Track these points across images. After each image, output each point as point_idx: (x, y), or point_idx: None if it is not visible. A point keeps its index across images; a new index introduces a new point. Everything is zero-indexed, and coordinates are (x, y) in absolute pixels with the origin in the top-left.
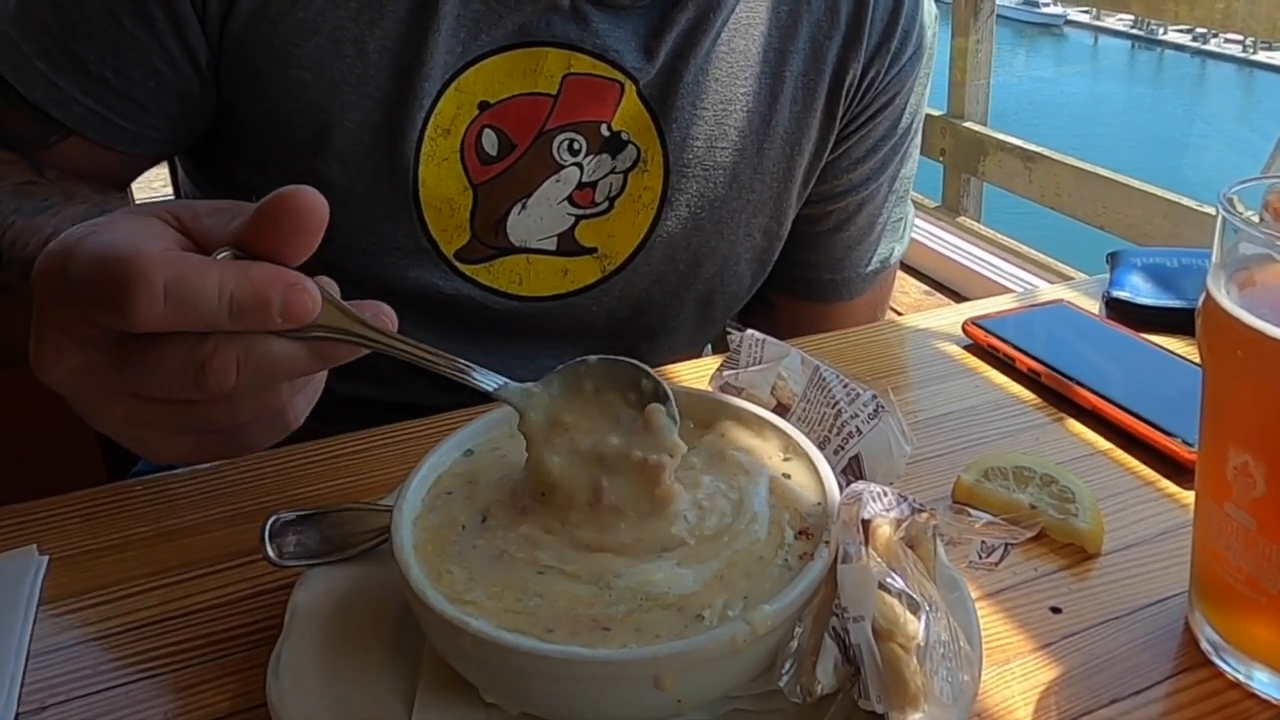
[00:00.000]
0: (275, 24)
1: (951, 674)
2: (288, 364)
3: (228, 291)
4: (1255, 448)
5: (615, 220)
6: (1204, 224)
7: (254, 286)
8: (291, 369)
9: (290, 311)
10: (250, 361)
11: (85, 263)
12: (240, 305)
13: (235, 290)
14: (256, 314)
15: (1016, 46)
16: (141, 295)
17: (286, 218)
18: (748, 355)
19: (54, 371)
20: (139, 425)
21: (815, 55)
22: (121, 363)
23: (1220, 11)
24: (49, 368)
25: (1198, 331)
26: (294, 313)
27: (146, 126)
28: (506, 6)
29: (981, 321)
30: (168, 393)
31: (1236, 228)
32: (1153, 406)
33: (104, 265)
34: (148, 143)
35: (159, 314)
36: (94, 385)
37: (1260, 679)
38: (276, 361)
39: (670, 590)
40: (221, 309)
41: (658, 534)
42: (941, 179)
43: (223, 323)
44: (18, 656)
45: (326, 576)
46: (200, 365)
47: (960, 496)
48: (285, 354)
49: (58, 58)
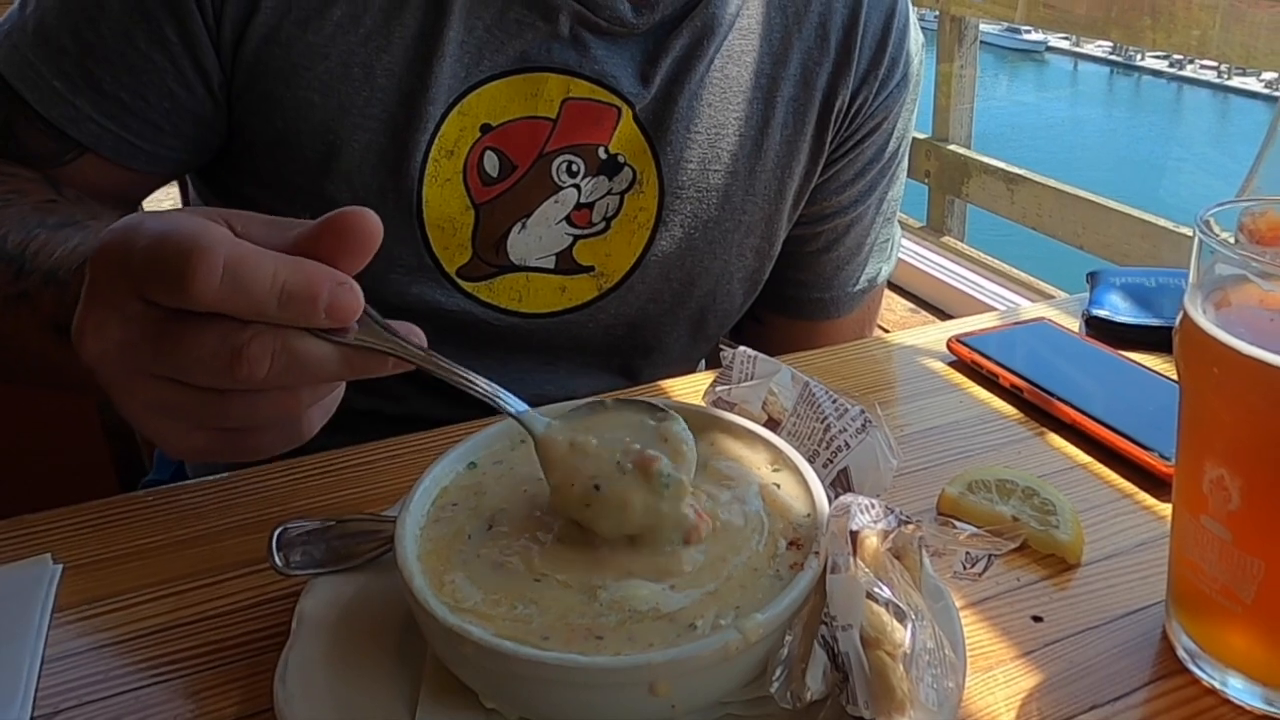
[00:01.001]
0: (286, 48)
1: (937, 681)
2: (317, 365)
3: (281, 279)
4: (1231, 462)
5: (612, 240)
6: (1180, 244)
7: (306, 277)
8: (321, 371)
9: (335, 308)
10: (283, 356)
11: (150, 238)
12: (290, 294)
13: (288, 279)
14: (304, 305)
15: (999, 72)
16: (202, 269)
17: (348, 234)
18: (740, 371)
19: (93, 344)
20: (161, 411)
21: (806, 81)
22: (160, 339)
23: (1195, 39)
24: (89, 341)
25: (1175, 349)
26: (338, 310)
27: (161, 146)
28: (508, 33)
29: (965, 339)
30: (198, 377)
31: (1213, 249)
32: (1131, 422)
33: (169, 240)
34: (161, 161)
35: (214, 290)
36: (128, 362)
37: (1235, 685)
38: (308, 360)
39: (659, 606)
40: (272, 295)
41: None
42: (926, 200)
43: (271, 310)
44: (33, 662)
45: (332, 585)
46: (236, 351)
47: (945, 509)
48: (317, 354)
49: (75, 78)
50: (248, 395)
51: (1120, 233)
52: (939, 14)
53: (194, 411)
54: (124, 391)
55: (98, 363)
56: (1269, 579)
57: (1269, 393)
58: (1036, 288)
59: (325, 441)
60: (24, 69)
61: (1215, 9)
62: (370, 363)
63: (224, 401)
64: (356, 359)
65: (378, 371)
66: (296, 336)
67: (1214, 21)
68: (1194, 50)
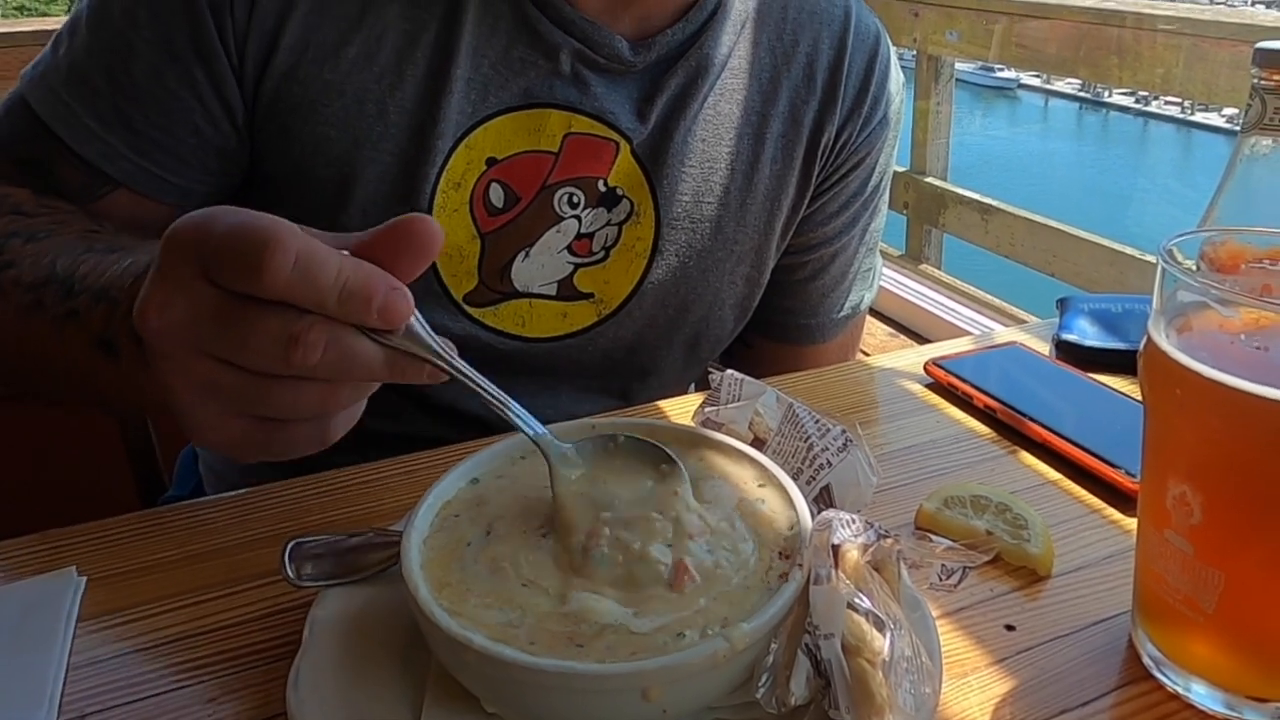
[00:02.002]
0: (305, 85)
1: (914, 687)
2: (363, 362)
3: (344, 275)
4: (1193, 479)
5: (610, 268)
6: (1146, 272)
7: (365, 277)
8: (365, 368)
9: (387, 309)
10: (334, 348)
11: (228, 225)
12: (350, 291)
13: (350, 276)
14: (360, 303)
15: (974, 108)
16: (277, 256)
17: (411, 238)
18: (728, 393)
19: (155, 320)
20: (206, 392)
21: (794, 119)
22: (223, 319)
23: (1160, 76)
24: (152, 317)
25: (1140, 372)
26: (390, 311)
27: (188, 179)
28: (512, 71)
29: (942, 362)
30: (252, 359)
31: (1175, 277)
32: (1099, 440)
33: (247, 228)
34: (189, 194)
35: (284, 278)
36: (187, 339)
37: (1198, 691)
38: (355, 356)
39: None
40: (334, 290)
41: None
42: (905, 230)
43: (331, 304)
44: (58, 670)
45: (341, 596)
46: (294, 336)
47: (922, 523)
48: (365, 352)
49: (108, 118)
50: (293, 384)
51: (1089, 261)
52: (917, 53)
53: (239, 395)
54: (176, 369)
55: (157, 338)
56: (1229, 590)
57: (1229, 414)
58: (1009, 313)
59: (333, 460)
60: (59, 109)
61: (1179, 48)
62: (409, 368)
63: (270, 388)
64: (398, 362)
65: (415, 378)
66: (348, 332)
67: (1178, 60)
68: (1159, 87)
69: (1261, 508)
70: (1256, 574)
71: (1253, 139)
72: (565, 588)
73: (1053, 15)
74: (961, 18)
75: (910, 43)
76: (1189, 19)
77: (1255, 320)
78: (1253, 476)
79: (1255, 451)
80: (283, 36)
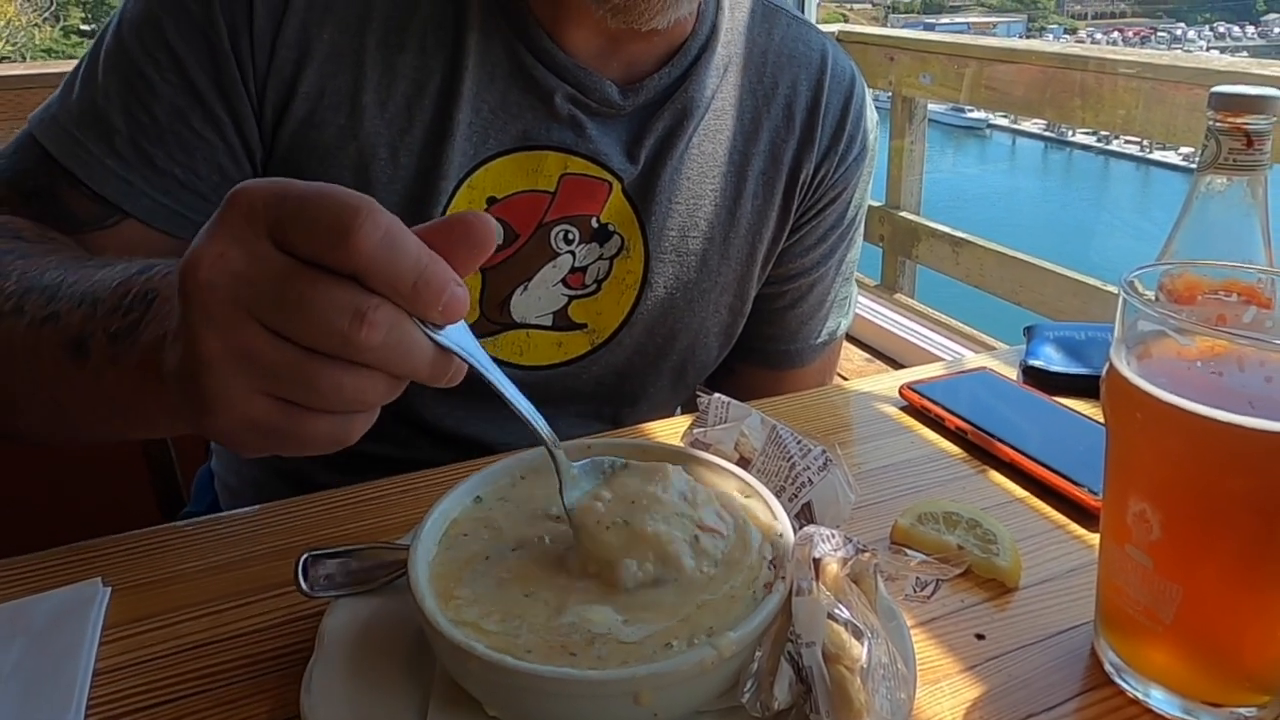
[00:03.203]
0: (320, 130)
1: (890, 692)
2: (417, 355)
3: (424, 261)
4: (1152, 497)
5: (603, 300)
6: (1108, 301)
7: (440, 269)
8: (417, 362)
9: (451, 305)
10: (393, 334)
11: (311, 189)
12: (424, 279)
13: (428, 264)
14: (432, 293)
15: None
16: (370, 222)
17: (470, 232)
18: (714, 415)
19: (206, 272)
20: (241, 361)
21: (774, 157)
22: (287, 283)
23: (1121, 117)
24: (203, 268)
25: (1102, 396)
26: (453, 307)
27: (204, 215)
28: (511, 115)
29: (915, 386)
30: (310, 330)
31: (1136, 307)
32: (1063, 460)
33: (336, 193)
34: None
35: (374, 246)
36: (238, 298)
37: (1156, 696)
38: (411, 347)
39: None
40: (413, 273)
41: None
42: (881, 261)
43: (404, 288)
44: (84, 676)
45: (351, 606)
46: (362, 313)
47: (897, 538)
48: (419, 345)
49: (128, 156)
50: (341, 367)
51: (1054, 291)
52: (893, 95)
53: (278, 370)
54: (214, 331)
55: (201, 291)
56: (1186, 602)
57: (1186, 436)
58: (979, 340)
59: (341, 482)
60: (75, 149)
61: (1138, 91)
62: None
63: (318, 367)
64: (439, 363)
65: (450, 381)
66: (407, 320)
67: (1137, 102)
68: (1119, 127)
69: (1217, 525)
70: (1212, 587)
71: (1208, 177)
72: (563, 600)
73: (1020, 60)
74: (934, 62)
75: (886, 85)
76: (1148, 64)
77: (1211, 348)
78: (1209, 495)
79: (1211, 471)
80: (300, 84)
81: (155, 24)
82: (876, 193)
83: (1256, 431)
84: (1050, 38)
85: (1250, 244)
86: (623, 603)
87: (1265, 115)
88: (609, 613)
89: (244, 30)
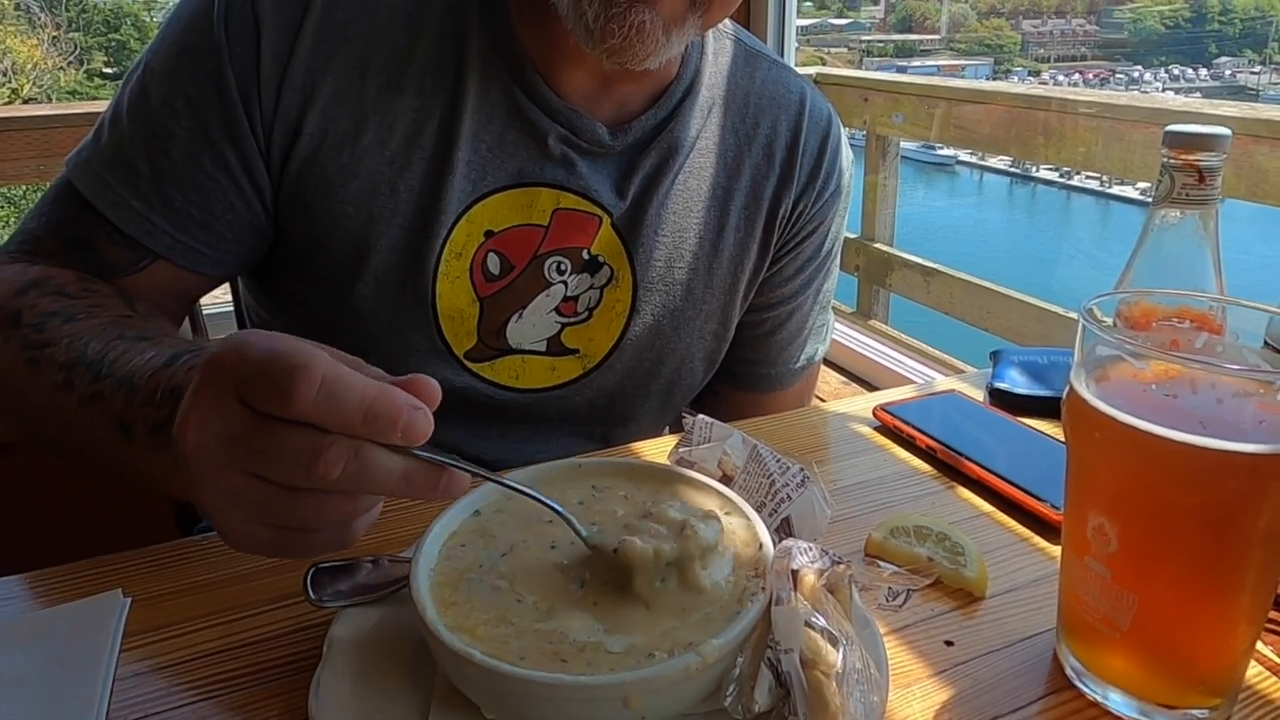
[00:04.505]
0: (325, 167)
1: (864, 696)
2: (383, 475)
3: (369, 399)
4: (1110, 512)
5: (594, 327)
6: (1069, 327)
7: (390, 401)
8: (384, 481)
9: (410, 428)
10: (355, 463)
11: (261, 350)
12: (375, 414)
13: (375, 400)
14: (385, 424)
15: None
16: (304, 381)
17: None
18: (699, 435)
19: (192, 435)
20: (236, 502)
21: (755, 192)
22: (254, 435)
23: (1082, 154)
24: (190, 431)
25: (1063, 416)
26: (412, 431)
27: (223, 252)
28: (507, 153)
29: (888, 407)
30: (278, 472)
31: (1095, 334)
32: (1027, 477)
33: (278, 353)
34: (223, 265)
35: (310, 401)
36: (221, 453)
37: (1114, 699)
38: (375, 469)
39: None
40: (359, 412)
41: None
42: (856, 289)
43: (354, 425)
44: (105, 682)
45: (357, 615)
46: (317, 452)
47: (871, 551)
48: (385, 465)
49: (150, 197)
50: (316, 496)
51: (1018, 317)
52: (867, 133)
53: (265, 505)
54: (209, 479)
55: (195, 451)
56: (1142, 610)
57: (1142, 455)
58: (948, 364)
59: None
60: (105, 191)
61: (1098, 130)
62: (424, 483)
63: (295, 499)
64: (414, 476)
65: (428, 494)
66: (369, 447)
67: (1097, 140)
68: (1080, 164)
69: (1170, 538)
70: (1166, 596)
71: (1163, 211)
72: (551, 605)
73: (986, 100)
74: (906, 102)
75: (861, 124)
76: (1107, 104)
77: (1165, 371)
78: (1163, 510)
79: (1165, 488)
80: (305, 125)
81: (172, 74)
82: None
83: (1208, 450)
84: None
85: (1202, 274)
86: (600, 612)
87: (1216, 153)
88: (588, 620)
89: (252, 78)
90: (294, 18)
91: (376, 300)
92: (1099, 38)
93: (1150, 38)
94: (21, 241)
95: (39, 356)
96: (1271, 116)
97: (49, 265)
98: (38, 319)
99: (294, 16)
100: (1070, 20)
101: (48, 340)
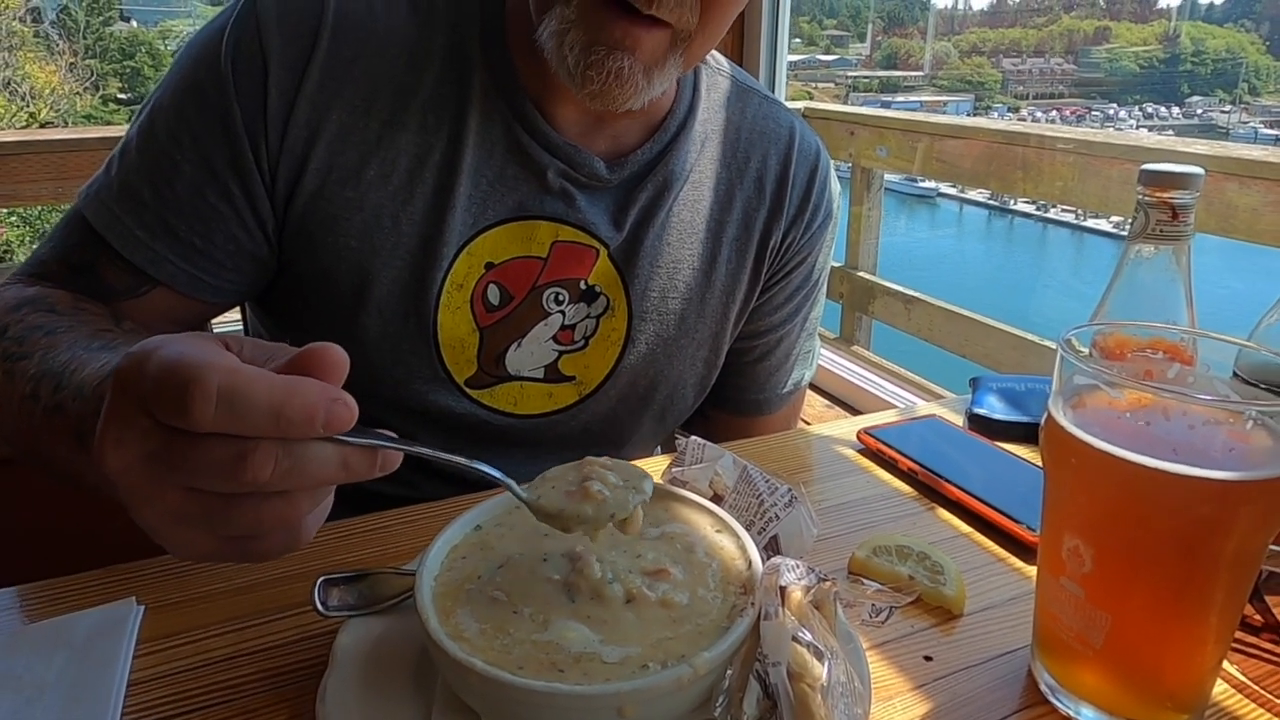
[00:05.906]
0: (329, 201)
1: (848, 708)
2: (318, 465)
3: (278, 401)
4: (1085, 534)
5: (590, 355)
6: (1045, 355)
7: (303, 398)
8: (321, 471)
9: (332, 422)
10: (287, 459)
11: (157, 366)
12: (288, 417)
13: (285, 403)
14: (298, 421)
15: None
16: (198, 397)
17: (316, 370)
18: (691, 456)
19: (112, 459)
20: (176, 519)
21: (746, 224)
22: (172, 451)
23: (1058, 189)
24: (109, 455)
25: (1040, 442)
26: (335, 423)
27: (224, 281)
28: (507, 188)
29: (871, 430)
30: (209, 483)
31: (1072, 363)
32: (1005, 500)
33: (172, 369)
34: (224, 293)
35: (210, 415)
36: (147, 474)
37: (1086, 714)
38: (309, 464)
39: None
40: (268, 417)
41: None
42: (840, 316)
43: (267, 427)
44: (119, 687)
45: (363, 625)
46: (241, 456)
47: (854, 569)
48: (318, 454)
49: (154, 228)
50: (253, 501)
51: (996, 345)
52: (852, 166)
53: (204, 518)
54: (142, 500)
55: (121, 475)
56: (1114, 629)
57: (1116, 480)
58: (929, 389)
59: (350, 515)
60: (111, 220)
61: (1074, 165)
62: (362, 464)
63: (231, 508)
64: (352, 460)
65: (367, 475)
66: (297, 442)
67: (1073, 174)
68: (1057, 197)
69: (1143, 560)
70: (1138, 615)
71: (1138, 246)
72: (546, 617)
73: (967, 135)
74: (890, 137)
75: (847, 157)
76: (1083, 140)
77: (1139, 400)
78: (1136, 533)
79: (1138, 512)
80: (310, 161)
81: (180, 108)
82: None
83: (1179, 476)
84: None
85: (1175, 306)
86: (596, 621)
87: (1189, 191)
88: (584, 631)
89: (258, 114)
90: (301, 55)
91: (379, 330)
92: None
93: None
94: (30, 266)
95: (14, 369)
96: (1241, 155)
97: (48, 286)
98: (21, 333)
99: (301, 54)
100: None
101: (26, 353)
